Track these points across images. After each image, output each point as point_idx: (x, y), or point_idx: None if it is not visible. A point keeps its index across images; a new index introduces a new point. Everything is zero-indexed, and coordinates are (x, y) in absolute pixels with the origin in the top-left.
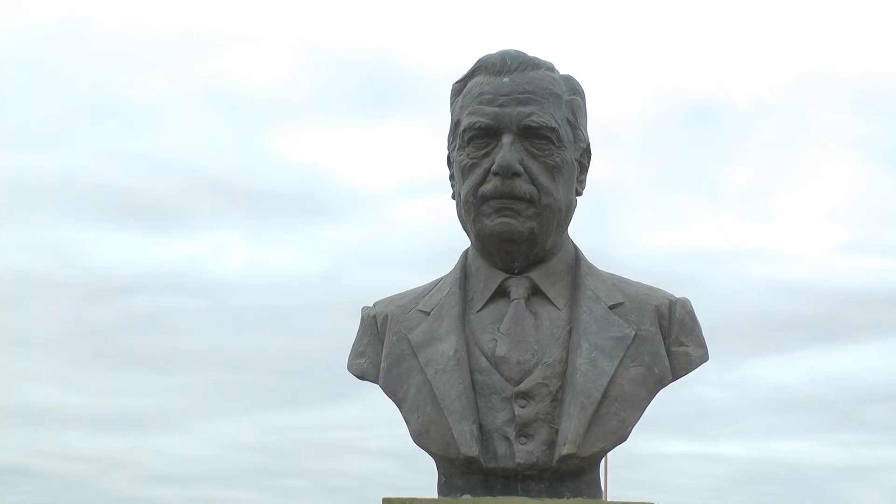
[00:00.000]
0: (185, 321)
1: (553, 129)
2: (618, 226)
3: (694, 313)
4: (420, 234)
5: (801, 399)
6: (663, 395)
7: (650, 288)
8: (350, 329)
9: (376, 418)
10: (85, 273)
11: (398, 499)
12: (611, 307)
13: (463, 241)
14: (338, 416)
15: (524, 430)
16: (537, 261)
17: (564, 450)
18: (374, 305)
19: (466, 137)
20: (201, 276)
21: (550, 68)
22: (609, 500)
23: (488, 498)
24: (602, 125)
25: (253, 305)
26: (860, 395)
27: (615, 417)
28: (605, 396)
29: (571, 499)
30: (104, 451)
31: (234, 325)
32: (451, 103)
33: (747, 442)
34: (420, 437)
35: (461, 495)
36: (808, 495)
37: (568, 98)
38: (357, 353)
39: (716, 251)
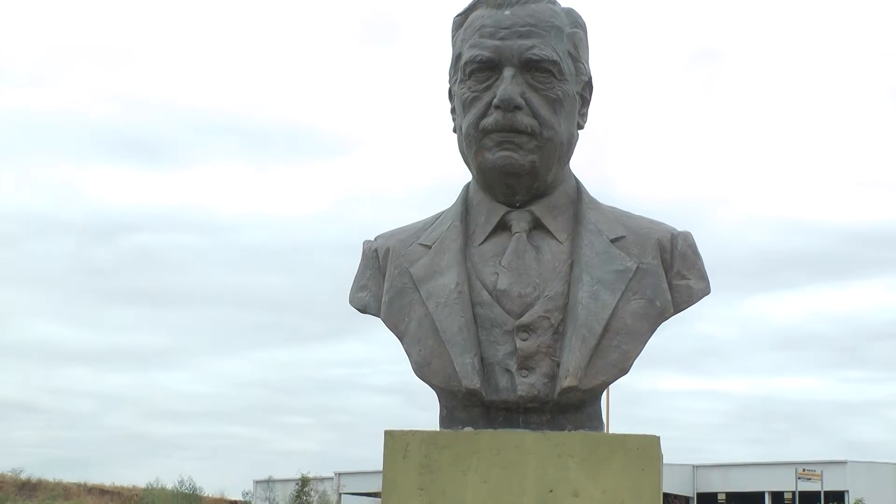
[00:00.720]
0: (187, 259)
1: (554, 63)
2: (621, 162)
3: (696, 246)
4: (423, 171)
5: (804, 336)
6: (666, 332)
7: (652, 221)
8: (352, 267)
9: (377, 355)
10: (86, 211)
11: (400, 432)
12: (612, 241)
13: (464, 176)
14: (339, 353)
15: (525, 363)
16: (539, 194)
17: (566, 382)
18: (375, 239)
19: (468, 71)
20: (203, 215)
21: (552, 1)
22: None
23: (490, 430)
24: (606, 62)
25: (255, 243)
26: (865, 331)
27: (616, 350)
28: (606, 329)
29: (573, 431)
30: (108, 387)
31: (235, 262)
32: (452, 37)
33: (750, 379)
34: (421, 370)
35: (463, 428)
36: (811, 431)
37: (569, 31)
38: (359, 286)
39: (720, 188)
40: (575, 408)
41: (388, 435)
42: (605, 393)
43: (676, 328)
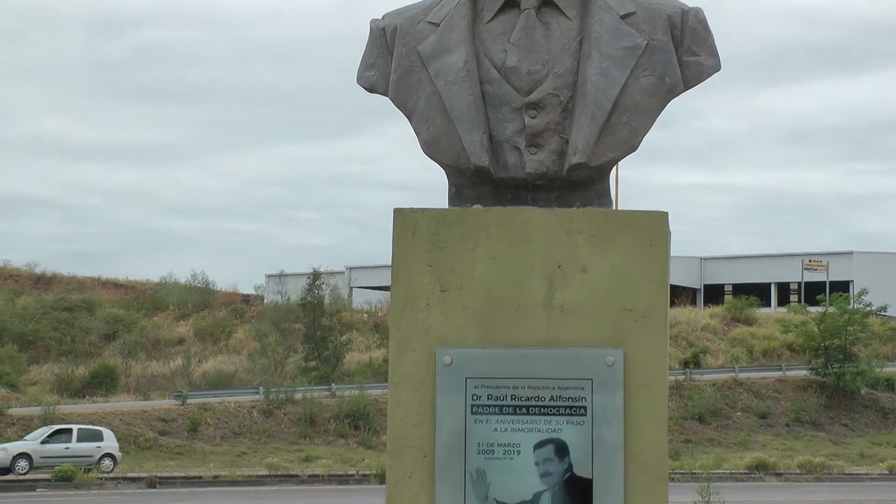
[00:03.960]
0: (194, 54)
1: None
2: None
3: (707, 23)
4: None
5: (814, 129)
6: (676, 125)
7: None
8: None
9: (389, 151)
10: (93, 4)
11: (409, 210)
12: (622, 17)
13: None
14: (351, 150)
15: (534, 140)
16: None
17: (574, 159)
18: (382, 18)
19: None
20: (211, 8)
21: None
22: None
23: (498, 207)
24: None
25: (264, 38)
26: (874, 123)
27: (626, 127)
28: (615, 106)
29: (581, 208)
30: (119, 182)
31: (245, 57)
32: None
33: (760, 172)
34: (430, 148)
35: (471, 205)
36: (818, 223)
37: None
38: (366, 65)
39: None
40: (583, 185)
41: (398, 213)
42: (613, 181)
43: (686, 122)
